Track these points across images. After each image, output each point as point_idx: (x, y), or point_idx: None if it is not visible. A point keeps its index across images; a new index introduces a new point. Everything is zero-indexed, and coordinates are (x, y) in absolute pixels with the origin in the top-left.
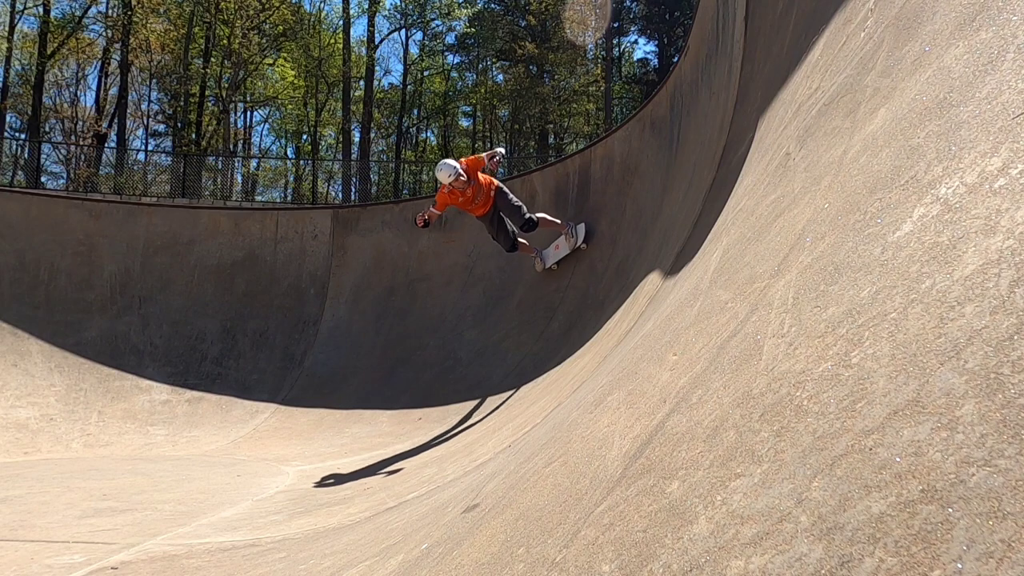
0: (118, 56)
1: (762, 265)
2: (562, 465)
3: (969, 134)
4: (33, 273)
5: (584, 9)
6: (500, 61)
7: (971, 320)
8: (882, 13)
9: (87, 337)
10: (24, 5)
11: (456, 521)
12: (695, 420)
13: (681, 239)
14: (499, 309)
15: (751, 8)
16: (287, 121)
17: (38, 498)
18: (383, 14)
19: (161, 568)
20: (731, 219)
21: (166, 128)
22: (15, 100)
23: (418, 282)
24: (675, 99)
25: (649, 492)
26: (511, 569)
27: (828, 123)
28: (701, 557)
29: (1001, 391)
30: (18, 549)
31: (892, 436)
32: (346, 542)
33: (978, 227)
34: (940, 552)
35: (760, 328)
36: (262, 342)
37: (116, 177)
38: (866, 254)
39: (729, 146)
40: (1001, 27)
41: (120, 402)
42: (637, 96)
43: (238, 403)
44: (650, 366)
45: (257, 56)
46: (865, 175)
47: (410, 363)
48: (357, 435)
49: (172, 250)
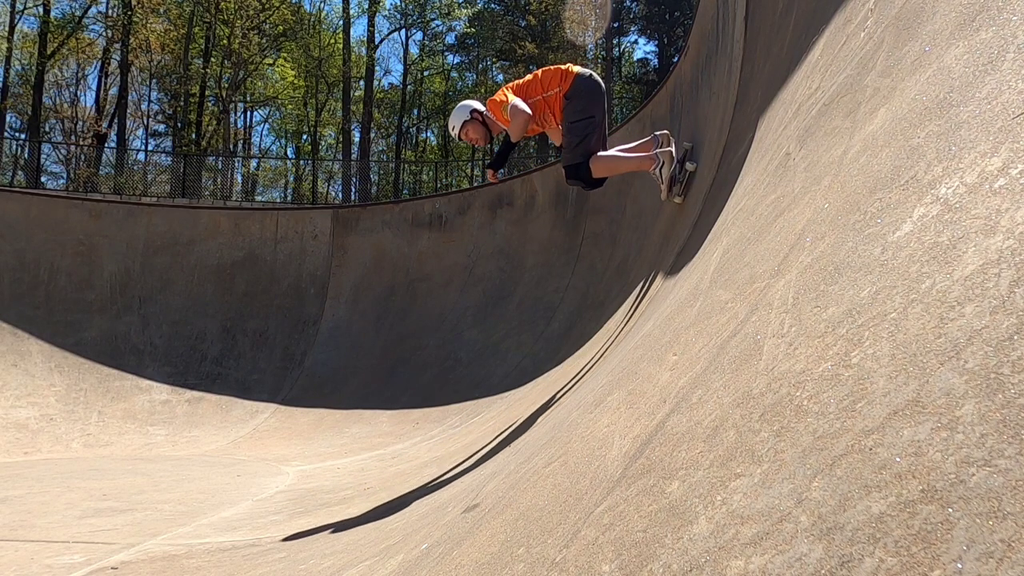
0: (118, 56)
1: (762, 265)
2: (562, 465)
3: (969, 134)
4: (33, 273)
5: (584, 9)
6: (500, 61)
7: (971, 320)
8: (882, 13)
9: (87, 337)
10: (24, 5)
11: (456, 521)
12: (695, 420)
13: (681, 239)
14: (499, 309)
15: (751, 8)
16: (287, 121)
17: (38, 498)
18: (383, 14)
19: (161, 568)
20: (731, 219)
21: (166, 128)
22: (15, 100)
23: (418, 282)
24: (675, 99)
25: (649, 492)
26: (511, 569)
27: (828, 123)
28: (701, 557)
29: (1001, 391)
30: (18, 549)
31: (892, 436)
32: (346, 542)
33: (978, 227)
34: (940, 552)
35: (760, 328)
36: (262, 342)
37: (116, 177)
38: (866, 254)
39: (729, 146)
40: (1001, 27)
41: (120, 402)
42: (637, 96)
43: (238, 403)
44: (650, 366)
45: (257, 56)
46: (865, 175)
47: (410, 363)
48: (357, 435)
49: (172, 250)
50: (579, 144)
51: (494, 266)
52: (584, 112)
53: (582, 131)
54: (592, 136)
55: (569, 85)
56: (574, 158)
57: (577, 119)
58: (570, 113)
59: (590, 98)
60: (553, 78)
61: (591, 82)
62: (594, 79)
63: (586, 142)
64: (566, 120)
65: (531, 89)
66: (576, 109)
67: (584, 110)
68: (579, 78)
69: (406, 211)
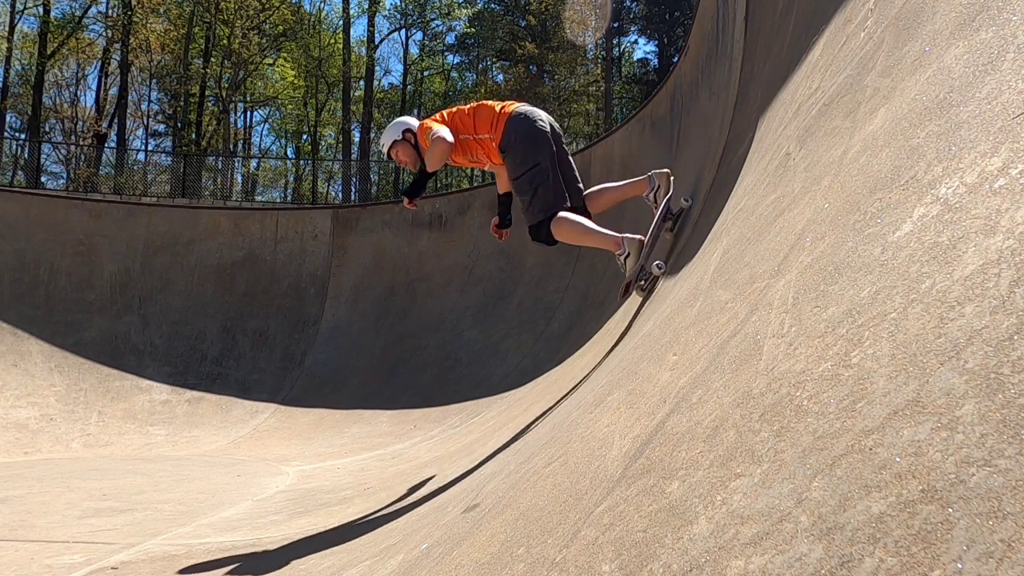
0: (118, 56)
1: (762, 265)
2: (562, 465)
3: (969, 134)
4: (33, 273)
5: (584, 9)
6: (500, 61)
7: (971, 320)
8: (882, 13)
9: (87, 337)
10: (24, 5)
11: (456, 521)
12: (695, 420)
13: (681, 238)
14: (499, 309)
15: (751, 8)
16: (287, 121)
17: (38, 498)
18: (383, 14)
19: (161, 568)
20: (731, 219)
21: (166, 128)
22: (15, 100)
23: (418, 282)
24: (675, 99)
25: (649, 492)
26: (511, 569)
27: (828, 123)
28: (701, 557)
29: (1001, 391)
30: (18, 549)
31: (892, 436)
32: (346, 542)
33: (978, 227)
34: (940, 552)
35: (760, 328)
36: (262, 342)
37: (116, 177)
38: (866, 254)
39: (729, 146)
40: (1001, 27)
41: (120, 402)
42: (637, 96)
43: (238, 403)
44: (650, 366)
45: (257, 56)
46: (865, 175)
47: (410, 363)
48: (357, 435)
49: (172, 250)
50: (531, 202)
51: (494, 266)
52: (525, 163)
53: (529, 186)
54: (543, 188)
55: (500, 134)
56: (531, 218)
57: (519, 174)
58: (510, 167)
59: (527, 145)
60: (485, 121)
61: (525, 125)
62: (528, 120)
63: (540, 197)
64: (510, 177)
65: (462, 124)
66: (515, 162)
67: (524, 160)
68: (510, 124)
69: (406, 211)
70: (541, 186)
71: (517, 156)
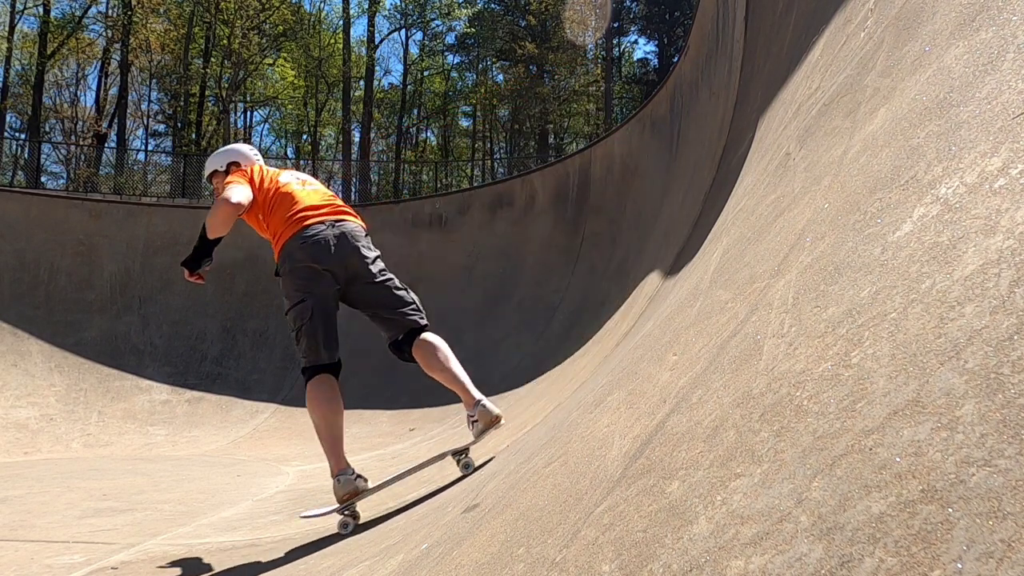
0: (118, 56)
1: (762, 265)
2: (562, 465)
3: (969, 134)
4: (33, 273)
5: (584, 9)
6: (500, 61)
7: (971, 320)
8: (882, 13)
9: (87, 337)
10: (24, 5)
11: (456, 521)
12: (695, 420)
13: (681, 239)
14: (499, 309)
15: (751, 8)
16: (287, 121)
17: (38, 498)
18: (383, 14)
19: (161, 568)
20: (731, 219)
21: (166, 128)
22: (15, 100)
23: (418, 282)
24: (675, 99)
25: (649, 492)
26: (511, 569)
27: (828, 123)
28: (701, 557)
29: (1001, 391)
30: (18, 549)
31: (892, 436)
32: (346, 542)
33: (978, 227)
34: (940, 552)
35: (760, 328)
36: (262, 342)
37: (116, 177)
38: (866, 254)
39: (729, 146)
40: (1001, 27)
41: (120, 402)
42: (637, 96)
43: (238, 403)
44: (650, 366)
45: (257, 56)
46: (865, 175)
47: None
48: (357, 435)
49: (172, 250)
50: (298, 343)
51: (494, 266)
52: (296, 293)
53: (294, 324)
54: (303, 334)
55: (280, 248)
56: (299, 360)
57: (288, 306)
58: (284, 290)
59: (298, 276)
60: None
61: (306, 248)
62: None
63: (304, 342)
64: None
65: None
66: (285, 292)
67: (297, 289)
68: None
69: (406, 211)
70: (302, 330)
71: (288, 282)
